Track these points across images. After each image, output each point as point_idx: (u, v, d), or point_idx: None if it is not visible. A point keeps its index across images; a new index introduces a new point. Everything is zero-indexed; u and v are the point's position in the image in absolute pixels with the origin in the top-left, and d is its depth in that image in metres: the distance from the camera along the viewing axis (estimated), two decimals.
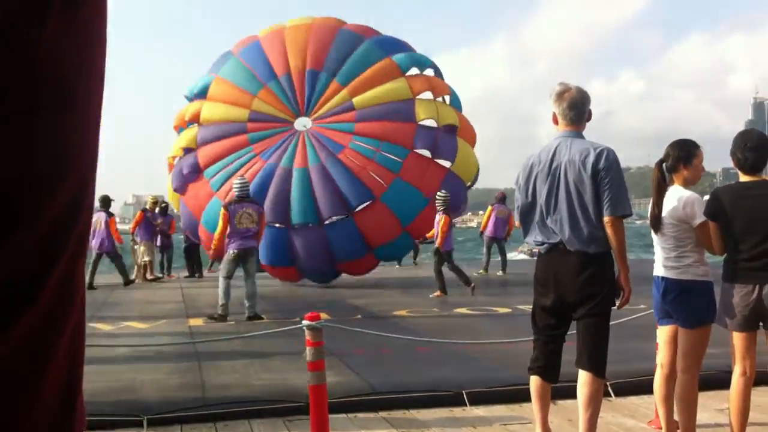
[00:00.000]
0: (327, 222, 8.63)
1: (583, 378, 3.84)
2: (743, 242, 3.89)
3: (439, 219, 11.71)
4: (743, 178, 4.03)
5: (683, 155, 4.19)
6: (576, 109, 3.96)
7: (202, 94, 9.52)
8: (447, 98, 9.65)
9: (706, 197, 4.27)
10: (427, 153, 9.21)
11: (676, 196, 4.12)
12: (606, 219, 3.77)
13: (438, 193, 11.61)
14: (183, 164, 9.61)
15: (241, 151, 9.20)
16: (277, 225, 8.98)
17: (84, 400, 0.66)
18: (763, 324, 3.92)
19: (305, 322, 4.60)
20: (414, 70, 9.48)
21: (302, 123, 9.52)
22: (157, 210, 15.73)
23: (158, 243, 15.96)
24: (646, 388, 5.12)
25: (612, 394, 5.23)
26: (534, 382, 4.01)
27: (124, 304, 11.58)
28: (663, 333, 4.28)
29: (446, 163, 9.20)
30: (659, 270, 4.19)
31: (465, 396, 5.15)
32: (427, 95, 9.45)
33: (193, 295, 12.65)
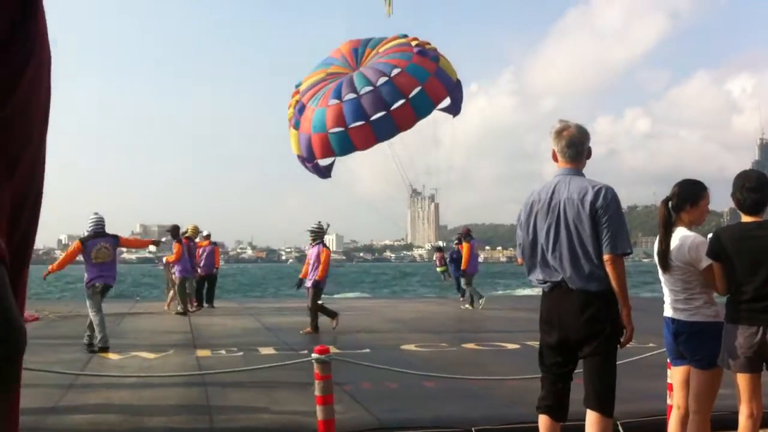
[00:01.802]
0: (377, 84, 13.53)
1: (591, 417, 3.83)
2: (746, 283, 3.88)
3: (319, 252, 11.50)
4: (744, 218, 4.04)
5: (691, 196, 4.22)
6: (575, 147, 3.99)
7: (298, 86, 15.22)
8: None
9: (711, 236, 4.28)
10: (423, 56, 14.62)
11: (681, 238, 4.14)
12: (606, 257, 3.77)
13: (312, 226, 11.91)
14: (296, 109, 14.40)
15: (326, 87, 14.40)
16: (352, 96, 13.47)
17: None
18: (767, 365, 3.91)
19: (314, 355, 4.62)
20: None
21: None
22: (196, 239, 15.81)
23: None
24: (656, 428, 5.09)
25: None
26: (542, 420, 4.00)
27: (131, 333, 11.61)
28: (677, 374, 4.26)
29: (435, 62, 14.19)
30: (669, 311, 4.19)
31: None
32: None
33: (200, 326, 12.67)
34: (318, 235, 11.80)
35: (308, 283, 11.68)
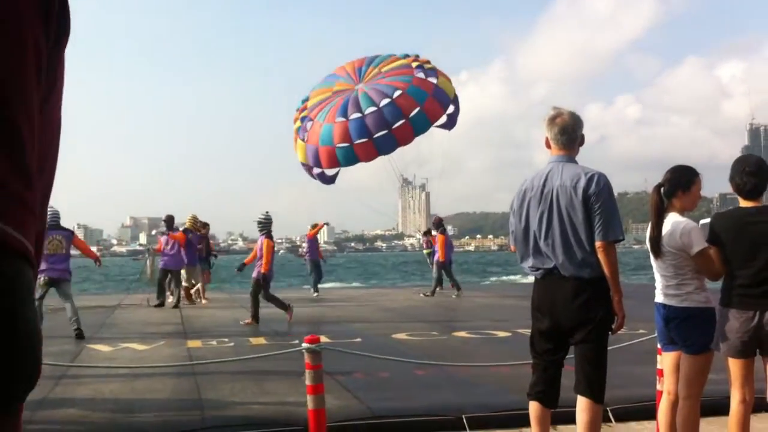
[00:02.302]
0: (380, 105, 14.78)
1: (582, 404, 3.83)
2: (744, 268, 3.88)
3: (262, 243, 11.25)
4: (743, 203, 4.04)
5: (683, 181, 4.20)
6: (567, 134, 3.97)
7: (304, 101, 16.50)
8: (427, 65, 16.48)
9: (703, 221, 4.26)
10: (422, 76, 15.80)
11: (672, 224, 4.13)
12: (597, 244, 3.77)
13: (259, 216, 11.66)
14: (304, 123, 15.64)
15: (332, 103, 15.68)
16: (358, 115, 14.75)
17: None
18: (760, 350, 3.91)
19: (304, 345, 4.60)
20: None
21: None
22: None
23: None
24: (646, 414, 5.12)
25: (612, 419, 5.21)
26: (533, 407, 4.00)
27: (122, 325, 11.56)
28: (668, 359, 4.26)
29: (433, 80, 15.38)
30: (660, 297, 4.19)
31: (465, 420, 5.13)
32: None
33: (191, 317, 12.63)
34: (264, 225, 11.60)
35: (254, 274, 11.49)
